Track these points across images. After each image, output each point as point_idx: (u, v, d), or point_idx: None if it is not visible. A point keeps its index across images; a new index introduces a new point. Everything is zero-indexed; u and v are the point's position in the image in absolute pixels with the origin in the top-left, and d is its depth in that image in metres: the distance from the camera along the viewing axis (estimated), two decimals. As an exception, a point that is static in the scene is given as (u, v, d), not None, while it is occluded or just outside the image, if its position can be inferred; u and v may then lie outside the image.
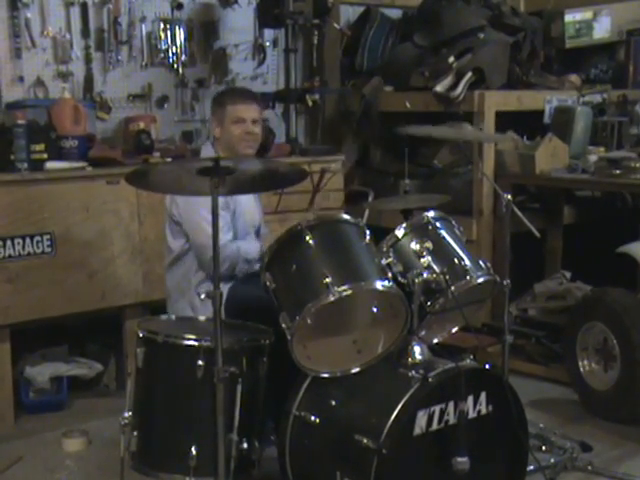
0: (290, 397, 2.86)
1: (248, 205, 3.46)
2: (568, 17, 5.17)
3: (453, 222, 3.09)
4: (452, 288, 2.86)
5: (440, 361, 2.81)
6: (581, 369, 3.92)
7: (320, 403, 2.82)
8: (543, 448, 3.39)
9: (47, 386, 3.99)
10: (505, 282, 3.22)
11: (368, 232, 2.86)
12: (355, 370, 2.82)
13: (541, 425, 3.52)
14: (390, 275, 2.82)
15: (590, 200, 5.08)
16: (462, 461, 2.65)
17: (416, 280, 2.81)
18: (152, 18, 4.57)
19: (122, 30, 4.44)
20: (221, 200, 3.15)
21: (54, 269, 3.82)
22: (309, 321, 2.68)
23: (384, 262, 2.86)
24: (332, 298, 2.64)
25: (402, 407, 2.61)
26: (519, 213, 3.34)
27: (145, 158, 4.11)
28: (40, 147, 3.85)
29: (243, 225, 3.43)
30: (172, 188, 2.87)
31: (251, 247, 3.34)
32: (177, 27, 4.63)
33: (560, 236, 4.91)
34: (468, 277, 2.92)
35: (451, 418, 2.70)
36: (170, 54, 4.64)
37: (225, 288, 3.18)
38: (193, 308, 3.30)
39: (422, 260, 2.90)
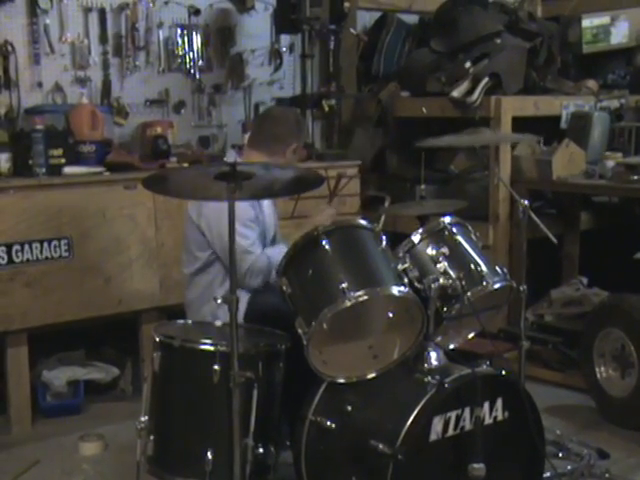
0: (306, 402, 2.85)
1: (269, 215, 3.40)
2: (585, 22, 5.16)
3: (469, 227, 3.08)
4: (468, 294, 2.86)
5: (456, 367, 2.81)
6: (598, 375, 3.89)
7: (336, 408, 2.81)
8: (560, 455, 3.38)
9: (64, 390, 4.01)
10: (521, 288, 3.21)
11: (384, 237, 2.86)
12: (371, 375, 2.81)
13: (558, 432, 3.50)
14: (406, 280, 2.82)
15: (607, 206, 5.06)
16: (478, 467, 2.64)
17: (432, 286, 2.81)
18: (169, 24, 4.60)
19: (140, 36, 4.47)
20: (252, 214, 3.19)
21: (71, 273, 3.83)
22: (325, 326, 2.67)
23: (400, 267, 2.85)
24: (348, 303, 2.64)
25: (418, 413, 2.61)
26: (536, 219, 3.32)
27: (162, 163, 4.13)
28: (58, 152, 3.87)
29: (265, 236, 3.39)
30: (189, 193, 2.87)
31: (280, 253, 3.18)
32: (194, 33, 4.66)
33: (577, 242, 4.89)
34: (484, 283, 2.92)
35: (467, 424, 2.69)
36: (187, 59, 4.67)
37: (245, 298, 3.17)
38: (214, 318, 3.27)
39: (438, 266, 2.89)
